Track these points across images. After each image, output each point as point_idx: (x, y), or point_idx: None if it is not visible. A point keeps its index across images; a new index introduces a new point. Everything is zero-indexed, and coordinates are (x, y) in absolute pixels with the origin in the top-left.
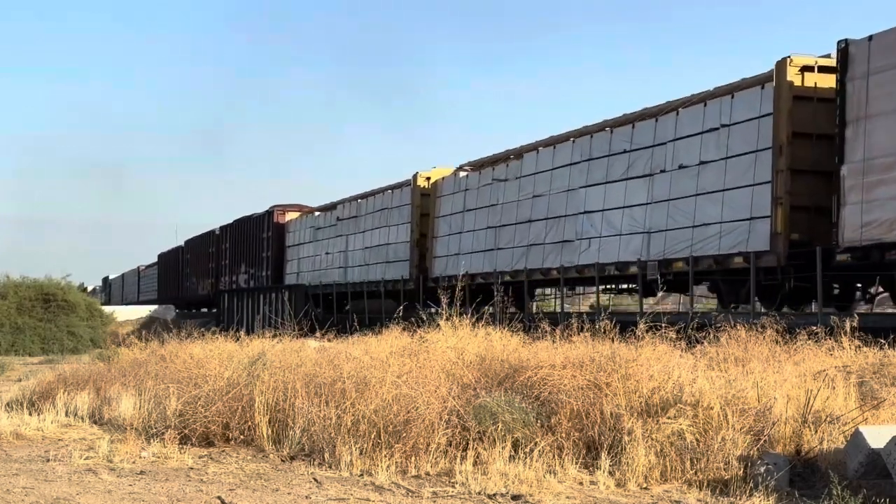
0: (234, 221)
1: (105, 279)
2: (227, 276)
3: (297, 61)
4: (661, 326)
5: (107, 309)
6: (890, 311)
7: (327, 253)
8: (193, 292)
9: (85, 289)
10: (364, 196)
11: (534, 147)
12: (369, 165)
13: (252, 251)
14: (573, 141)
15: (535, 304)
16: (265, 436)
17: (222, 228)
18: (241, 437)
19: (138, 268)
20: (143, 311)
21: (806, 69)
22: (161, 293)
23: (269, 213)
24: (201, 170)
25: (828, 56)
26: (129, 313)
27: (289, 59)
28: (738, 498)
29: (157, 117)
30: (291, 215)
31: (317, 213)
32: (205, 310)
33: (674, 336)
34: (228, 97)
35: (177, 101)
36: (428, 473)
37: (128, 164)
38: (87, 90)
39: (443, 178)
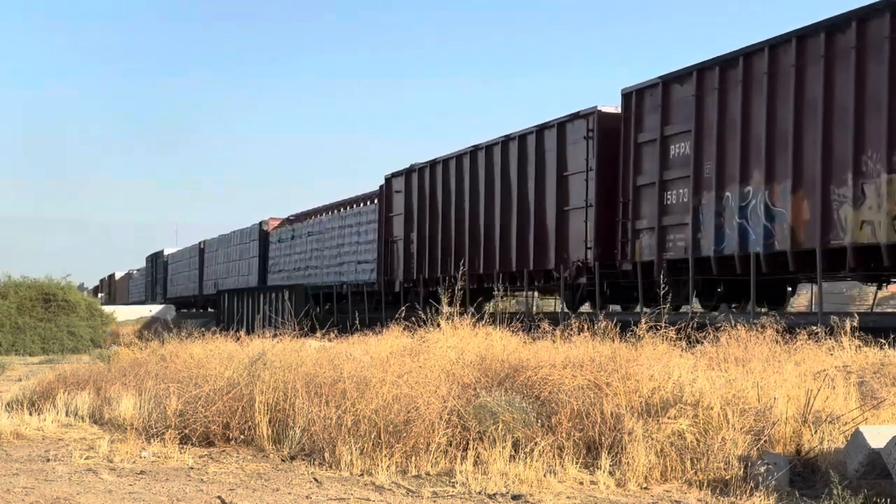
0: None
1: (152, 258)
2: None
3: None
4: (660, 326)
5: (107, 308)
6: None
7: None
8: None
9: (111, 277)
10: None
11: None
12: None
13: None
14: None
15: None
16: (265, 435)
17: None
18: (242, 436)
19: (232, 234)
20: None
21: None
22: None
23: None
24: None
25: None
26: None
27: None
28: (739, 498)
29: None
30: None
31: None
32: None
33: (674, 336)
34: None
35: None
36: (428, 473)
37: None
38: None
39: None
